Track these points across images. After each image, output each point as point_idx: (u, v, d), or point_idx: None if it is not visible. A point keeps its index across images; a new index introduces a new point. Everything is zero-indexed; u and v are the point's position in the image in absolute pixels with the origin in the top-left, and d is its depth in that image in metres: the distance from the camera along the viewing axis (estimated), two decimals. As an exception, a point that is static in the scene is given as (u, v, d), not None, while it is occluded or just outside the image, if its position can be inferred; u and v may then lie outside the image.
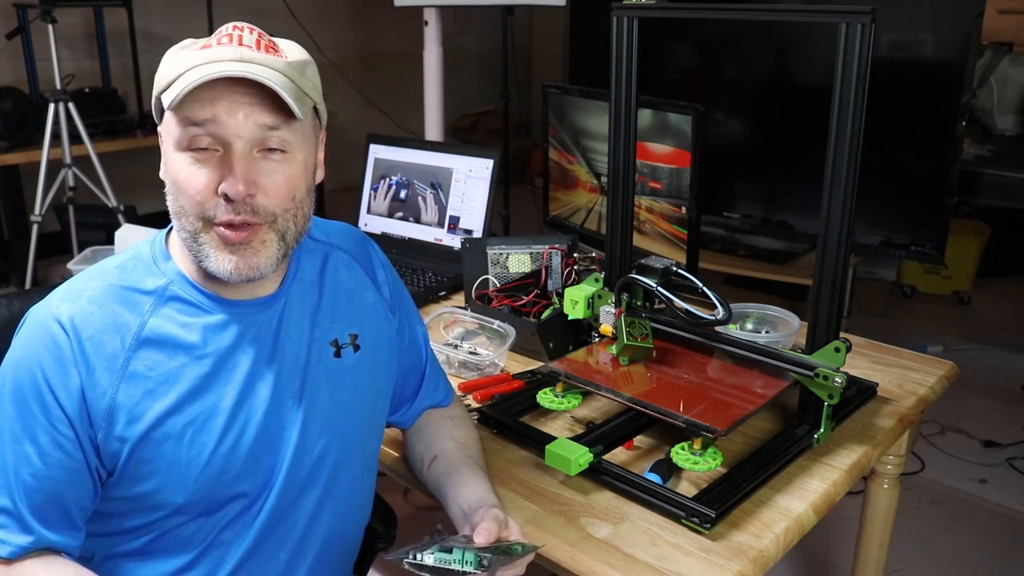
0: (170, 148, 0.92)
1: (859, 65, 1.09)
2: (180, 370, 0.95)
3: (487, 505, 1.02)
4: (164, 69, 0.92)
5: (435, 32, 2.96)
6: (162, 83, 0.91)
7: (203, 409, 0.95)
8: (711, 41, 3.00)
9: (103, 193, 3.33)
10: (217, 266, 0.92)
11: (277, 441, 1.00)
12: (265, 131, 0.90)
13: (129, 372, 0.92)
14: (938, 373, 1.48)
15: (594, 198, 1.92)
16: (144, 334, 0.94)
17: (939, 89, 2.48)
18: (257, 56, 0.90)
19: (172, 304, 0.96)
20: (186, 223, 0.92)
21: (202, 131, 0.89)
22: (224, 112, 0.88)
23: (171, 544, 0.98)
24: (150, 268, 0.98)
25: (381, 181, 2.09)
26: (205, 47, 0.91)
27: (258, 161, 0.91)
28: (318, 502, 1.04)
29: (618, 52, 1.34)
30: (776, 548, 1.04)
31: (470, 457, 1.15)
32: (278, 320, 1.01)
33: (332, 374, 1.05)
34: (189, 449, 0.94)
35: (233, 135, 0.89)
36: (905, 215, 2.60)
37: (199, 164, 0.90)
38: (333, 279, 1.08)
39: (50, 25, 3.14)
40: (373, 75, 5.29)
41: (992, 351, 3.39)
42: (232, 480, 0.97)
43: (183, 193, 0.91)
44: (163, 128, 0.93)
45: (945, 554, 2.25)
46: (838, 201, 1.14)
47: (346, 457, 1.07)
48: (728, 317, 1.26)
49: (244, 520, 1.00)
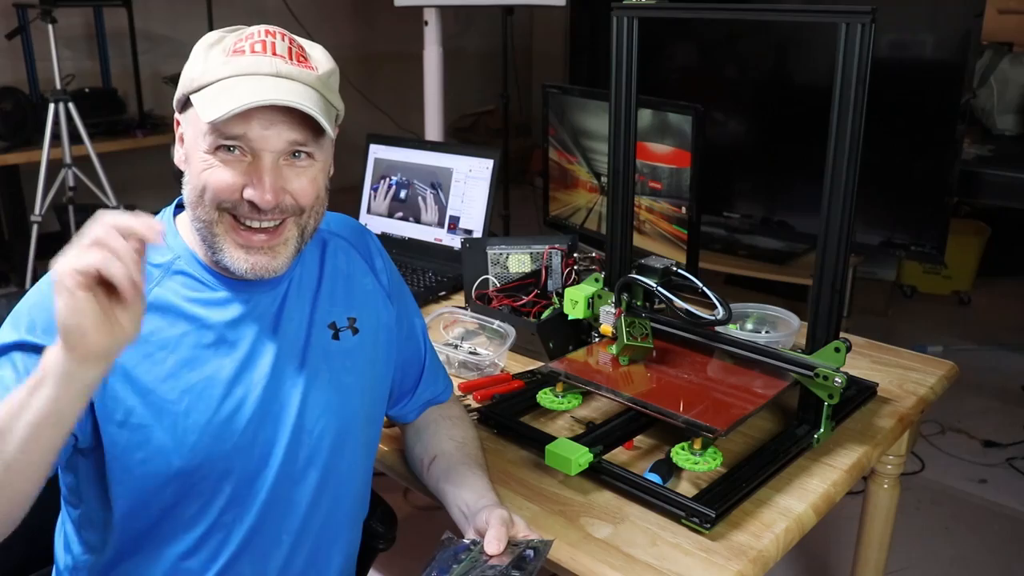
0: (197, 145, 0.93)
1: (859, 65, 1.09)
2: (180, 338, 0.96)
3: (488, 505, 1.03)
4: (195, 67, 0.94)
5: (435, 32, 2.95)
6: (193, 83, 0.93)
7: (201, 378, 0.96)
8: (711, 41, 3.00)
9: (103, 193, 3.33)
10: (232, 263, 0.95)
11: (276, 418, 1.01)
12: (295, 146, 0.94)
13: None
14: (938, 373, 1.48)
15: (594, 198, 1.92)
16: (149, 300, 0.94)
17: (939, 89, 2.48)
18: (293, 71, 0.93)
19: (177, 278, 0.98)
20: (202, 213, 0.94)
21: (233, 142, 0.92)
22: (257, 129, 0.91)
23: (173, 527, 0.99)
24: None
25: (381, 181, 2.09)
26: (237, 52, 0.93)
27: (284, 168, 0.95)
28: (318, 484, 1.04)
29: (618, 52, 1.34)
30: (776, 548, 1.04)
31: (469, 456, 1.15)
32: (281, 301, 1.03)
33: (331, 356, 1.06)
34: (186, 415, 0.95)
35: (263, 148, 0.92)
36: (905, 215, 2.61)
37: (225, 165, 0.93)
38: (332, 264, 1.10)
39: (50, 25, 3.14)
40: (373, 75, 5.28)
41: (992, 351, 3.39)
42: (229, 452, 0.97)
43: (205, 186, 0.93)
44: (188, 121, 0.95)
45: (945, 554, 2.25)
46: (838, 201, 1.14)
47: (346, 440, 1.07)
48: (728, 317, 1.26)
49: (245, 501, 1.00)
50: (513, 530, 0.98)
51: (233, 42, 0.94)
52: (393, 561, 1.61)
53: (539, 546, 0.96)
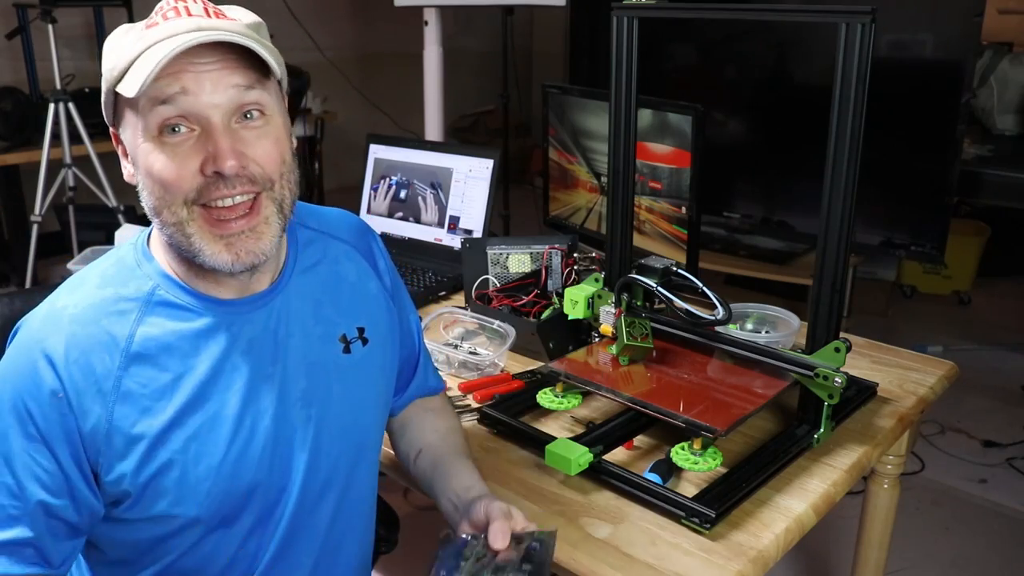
0: (138, 141, 0.85)
1: (859, 65, 1.08)
2: (175, 383, 0.89)
3: (479, 496, 0.99)
4: (112, 58, 0.85)
5: (435, 32, 2.95)
6: (115, 73, 0.84)
7: (205, 419, 0.90)
8: (711, 41, 3.00)
9: (103, 193, 3.33)
10: (214, 260, 0.87)
11: (290, 445, 0.96)
12: (241, 93, 0.84)
13: (122, 391, 0.87)
14: (938, 373, 1.48)
15: (594, 198, 1.92)
16: (133, 349, 0.88)
17: (939, 89, 2.48)
18: (213, 23, 0.84)
19: (159, 310, 0.90)
20: (168, 216, 0.86)
21: (172, 110, 0.82)
22: (192, 82, 0.82)
23: (193, 564, 0.95)
24: (133, 272, 0.92)
25: (381, 181, 2.09)
26: (151, 26, 0.84)
27: (239, 131, 0.86)
28: (336, 503, 1.02)
29: (618, 52, 1.34)
30: (776, 548, 1.04)
31: (454, 446, 1.13)
32: (276, 317, 0.96)
33: (343, 371, 1.01)
34: (196, 463, 0.89)
35: (207, 106, 0.83)
36: (905, 215, 2.61)
37: (175, 149, 0.84)
38: (335, 271, 1.04)
39: (50, 25, 3.15)
40: (373, 75, 5.29)
41: (992, 351, 3.38)
42: (246, 488, 0.93)
43: (162, 184, 0.84)
44: (124, 123, 0.87)
45: (945, 554, 2.25)
46: (838, 201, 1.14)
47: (362, 455, 1.05)
48: (728, 317, 1.26)
49: (266, 528, 0.97)
50: (512, 522, 0.95)
51: (144, 23, 0.86)
52: (393, 561, 1.61)
53: (544, 538, 0.94)
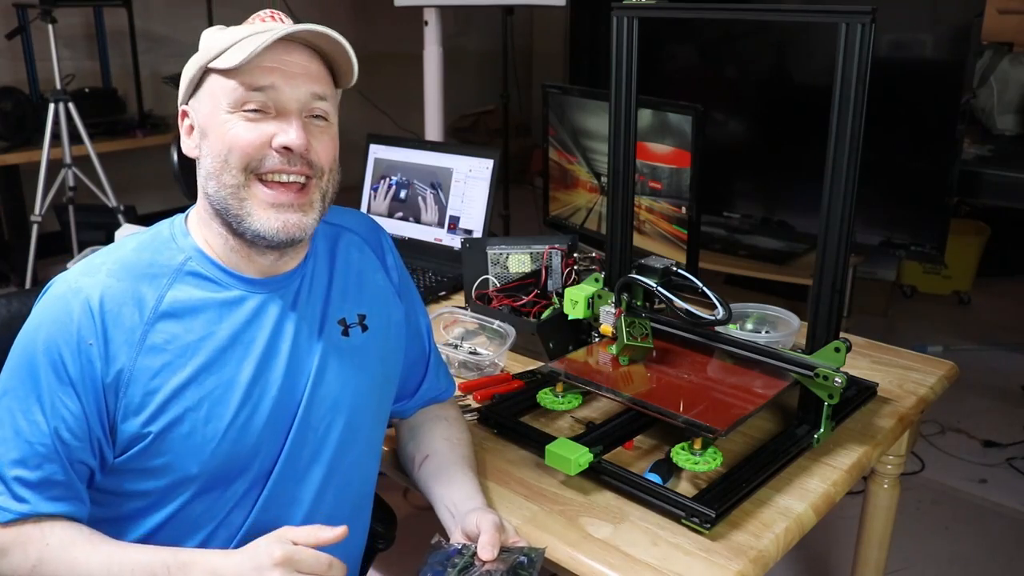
0: (219, 112, 0.95)
1: (859, 65, 1.09)
2: (198, 343, 0.96)
3: (477, 508, 1.03)
4: (211, 41, 0.97)
5: (435, 32, 2.95)
6: (212, 52, 0.95)
7: (220, 383, 0.96)
8: (711, 41, 3.00)
9: (103, 193, 3.33)
10: (261, 224, 0.95)
11: (289, 417, 1.01)
12: (315, 100, 0.97)
13: (147, 345, 0.94)
14: (938, 373, 1.48)
15: (594, 198, 1.92)
16: (162, 308, 0.95)
17: (939, 89, 2.48)
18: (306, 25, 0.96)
19: (189, 279, 0.98)
20: (227, 178, 0.95)
21: (261, 97, 0.94)
22: (281, 80, 0.94)
23: (180, 529, 0.98)
24: (168, 244, 1.00)
25: (381, 181, 2.09)
26: (249, 24, 0.98)
27: (308, 124, 0.97)
28: (323, 481, 1.04)
29: (618, 52, 1.34)
30: (776, 548, 1.04)
31: (462, 457, 1.15)
32: (294, 298, 1.03)
33: (341, 353, 1.06)
34: (206, 422, 0.95)
35: (290, 99, 0.95)
36: (905, 215, 2.61)
37: (254, 122, 0.94)
38: (344, 259, 1.11)
39: (50, 25, 3.15)
40: (373, 75, 5.25)
41: (992, 351, 3.39)
42: (246, 455, 0.98)
43: (232, 147, 0.94)
44: (202, 98, 0.97)
45: (945, 554, 2.25)
46: (838, 201, 1.14)
47: (353, 438, 1.07)
48: (728, 317, 1.26)
49: (253, 500, 1.00)
50: (503, 536, 0.98)
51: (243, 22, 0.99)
52: (392, 561, 1.61)
53: (531, 554, 0.97)
